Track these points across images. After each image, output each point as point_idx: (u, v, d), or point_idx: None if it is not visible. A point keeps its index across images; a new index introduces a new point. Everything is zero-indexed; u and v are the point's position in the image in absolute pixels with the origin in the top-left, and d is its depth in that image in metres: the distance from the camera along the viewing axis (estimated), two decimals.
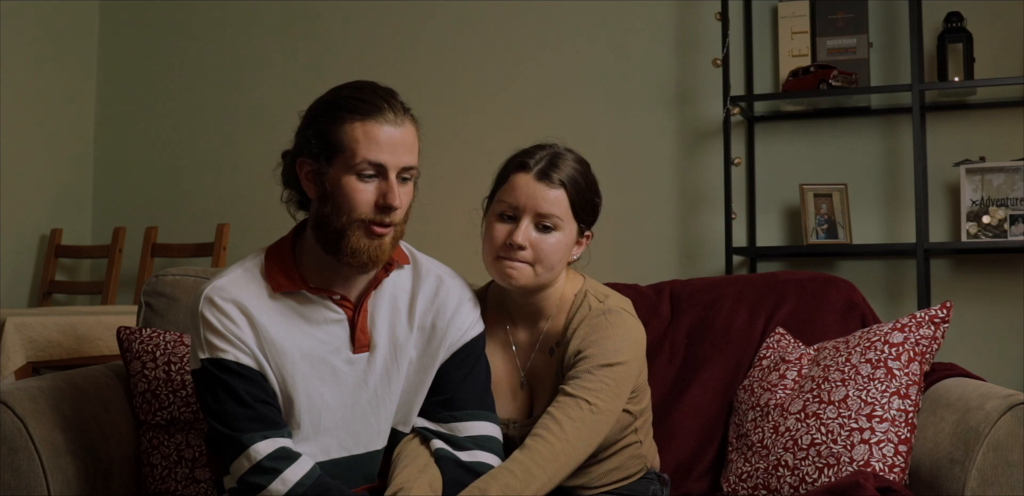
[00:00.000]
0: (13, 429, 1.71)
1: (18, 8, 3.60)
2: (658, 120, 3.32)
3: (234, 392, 1.50)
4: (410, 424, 1.63)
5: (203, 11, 3.86)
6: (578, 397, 1.59)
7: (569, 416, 1.57)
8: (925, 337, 1.82)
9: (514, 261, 1.64)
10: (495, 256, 1.66)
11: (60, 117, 3.83)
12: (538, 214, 1.64)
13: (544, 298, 1.73)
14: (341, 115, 1.51)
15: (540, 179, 1.64)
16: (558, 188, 1.65)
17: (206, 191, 3.80)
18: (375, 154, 1.49)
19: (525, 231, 1.63)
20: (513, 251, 1.63)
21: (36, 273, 3.75)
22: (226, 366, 1.50)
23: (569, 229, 1.67)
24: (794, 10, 3.11)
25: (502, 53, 3.50)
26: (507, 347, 1.77)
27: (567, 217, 1.66)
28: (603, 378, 1.61)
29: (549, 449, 1.54)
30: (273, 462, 1.47)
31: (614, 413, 1.63)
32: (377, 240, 1.52)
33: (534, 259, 1.64)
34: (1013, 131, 2.97)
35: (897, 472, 1.71)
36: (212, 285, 1.55)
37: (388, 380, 1.60)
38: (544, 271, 1.66)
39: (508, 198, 1.66)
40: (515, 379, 1.76)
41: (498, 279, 1.68)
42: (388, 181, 1.50)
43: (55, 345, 2.75)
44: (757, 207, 3.19)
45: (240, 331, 1.52)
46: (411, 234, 1.68)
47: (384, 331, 1.61)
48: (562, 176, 1.65)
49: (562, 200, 1.65)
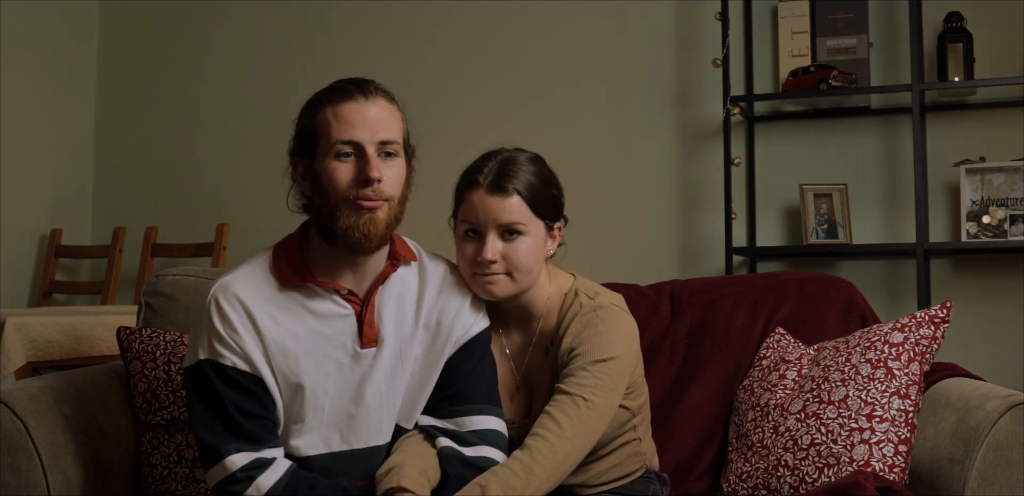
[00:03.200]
0: (13, 429, 1.71)
1: (18, 8, 3.60)
2: (658, 120, 3.32)
3: (222, 404, 1.51)
4: (413, 421, 1.63)
5: (203, 11, 3.86)
6: (574, 395, 1.60)
7: (567, 414, 1.58)
8: (925, 337, 1.82)
9: (489, 275, 1.66)
10: (471, 273, 1.68)
11: (60, 117, 3.83)
12: (499, 225, 1.65)
13: (531, 299, 1.74)
14: (314, 107, 1.56)
15: (493, 192, 1.65)
16: (512, 195, 1.65)
17: (206, 191, 3.80)
18: (347, 133, 1.52)
19: (492, 245, 1.65)
20: (485, 266, 1.65)
21: (36, 273, 3.75)
22: (223, 371, 1.52)
23: (535, 230, 1.68)
24: (794, 10, 3.11)
25: (501, 53, 3.50)
26: (502, 350, 1.77)
27: (530, 220, 1.66)
28: (597, 374, 1.62)
29: (549, 448, 1.54)
30: (247, 472, 1.50)
31: (611, 409, 1.64)
32: (367, 214, 1.52)
33: (508, 269, 1.66)
34: (1013, 131, 2.97)
35: (897, 472, 1.71)
36: (219, 283, 1.57)
37: (393, 376, 1.61)
38: (523, 276, 1.67)
39: (468, 217, 1.67)
40: (511, 382, 1.77)
41: (480, 294, 1.70)
42: (366, 156, 1.52)
43: (55, 345, 2.75)
44: (757, 207, 3.19)
45: (241, 337, 1.53)
46: (411, 232, 1.69)
47: (391, 327, 1.61)
48: (514, 184, 1.65)
49: (519, 206, 1.65)
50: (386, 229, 1.56)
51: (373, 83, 1.58)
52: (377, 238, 1.55)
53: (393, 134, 1.55)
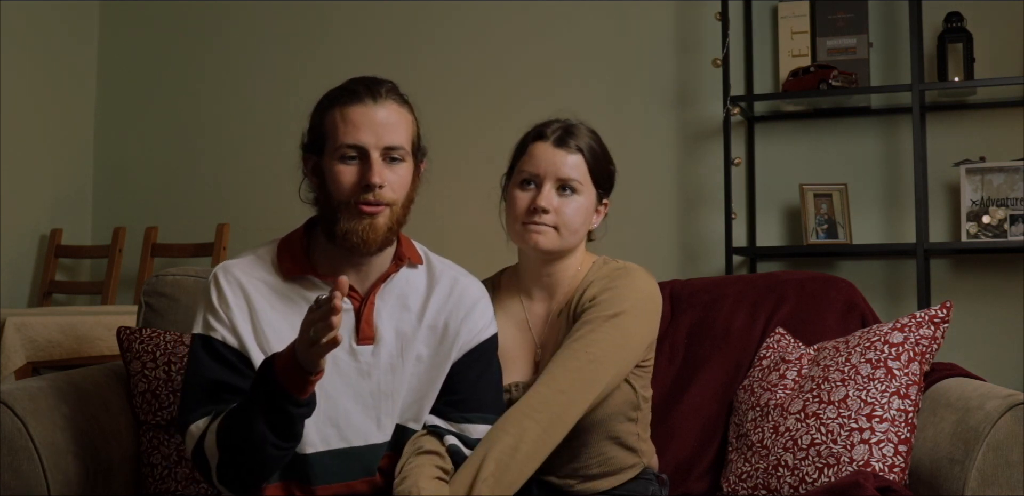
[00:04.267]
0: (13, 429, 1.71)
1: (18, 8, 3.60)
2: (658, 120, 3.32)
3: (204, 376, 1.52)
4: (421, 422, 1.63)
5: (203, 11, 3.86)
6: (575, 348, 1.60)
7: (564, 366, 1.58)
8: (925, 337, 1.82)
9: (539, 225, 1.69)
10: (520, 222, 1.70)
11: (60, 117, 3.83)
12: (559, 178, 1.70)
13: (562, 269, 1.76)
14: (325, 106, 1.58)
15: (559, 145, 1.71)
16: (576, 153, 1.72)
17: (206, 191, 3.80)
18: (353, 136, 1.53)
19: (548, 195, 1.69)
20: (537, 215, 1.68)
21: (36, 273, 3.75)
22: (211, 344, 1.53)
23: (588, 194, 1.73)
24: (794, 10, 3.11)
25: (500, 52, 3.50)
26: (522, 322, 1.78)
27: (586, 181, 1.72)
28: (607, 329, 1.63)
29: (538, 398, 1.54)
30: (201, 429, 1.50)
31: (616, 364, 1.63)
32: (368, 219, 1.53)
33: (558, 223, 1.69)
34: (1013, 131, 2.97)
35: (897, 472, 1.71)
36: (222, 264, 1.60)
37: (392, 375, 1.61)
38: (568, 234, 1.70)
39: (528, 167, 1.71)
40: (530, 351, 1.77)
41: (524, 244, 1.72)
42: (369, 161, 1.53)
43: (55, 345, 2.75)
44: (757, 207, 3.19)
45: (233, 312, 1.54)
46: (410, 228, 1.69)
47: (390, 326, 1.61)
48: (579, 143, 1.73)
49: (580, 165, 1.72)
50: (387, 233, 1.56)
51: (386, 85, 1.58)
52: (376, 243, 1.55)
53: (399, 139, 1.56)
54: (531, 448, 1.51)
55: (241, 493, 1.49)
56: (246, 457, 1.44)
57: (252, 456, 1.43)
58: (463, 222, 3.37)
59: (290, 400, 1.38)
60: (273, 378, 1.38)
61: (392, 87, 1.59)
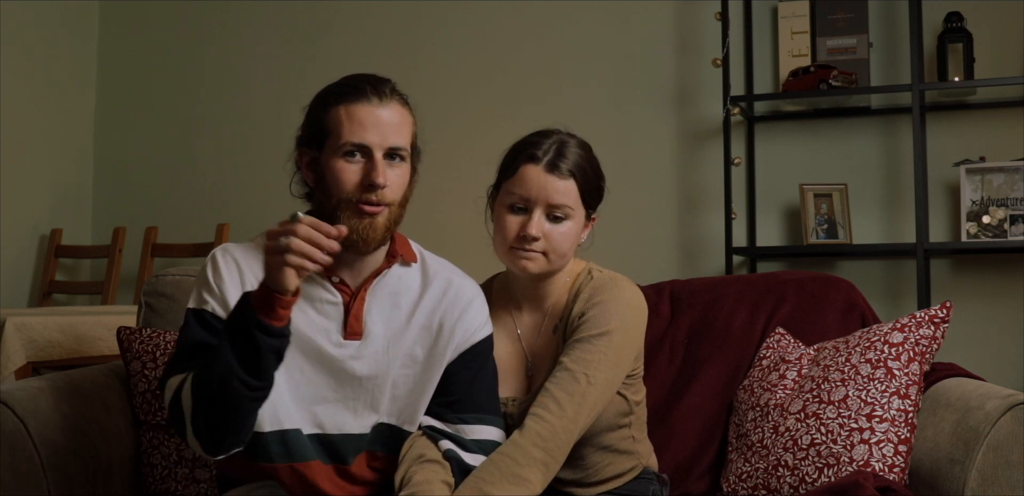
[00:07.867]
0: (13, 429, 1.71)
1: (18, 8, 3.60)
2: (658, 120, 3.32)
3: (189, 342, 1.51)
4: (416, 423, 1.63)
5: (203, 11, 3.86)
6: (575, 371, 1.60)
7: (567, 391, 1.58)
8: (925, 337, 1.82)
9: (528, 251, 1.67)
10: (509, 247, 1.68)
11: (60, 117, 3.83)
12: (549, 205, 1.66)
13: (551, 282, 1.75)
14: (328, 102, 1.56)
15: (550, 171, 1.66)
16: (568, 178, 1.67)
17: (206, 191, 3.80)
18: (358, 135, 1.52)
19: (538, 223, 1.66)
20: (527, 242, 1.66)
21: (36, 273, 3.75)
22: (202, 316, 1.54)
23: (578, 216, 1.70)
24: (794, 10, 3.11)
25: (501, 52, 3.50)
26: (512, 333, 1.78)
27: (577, 206, 1.69)
28: (601, 347, 1.62)
29: (548, 429, 1.54)
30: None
31: (612, 384, 1.64)
32: (368, 219, 1.54)
33: (547, 248, 1.67)
34: (1013, 131, 2.97)
35: (897, 472, 1.71)
36: (223, 245, 1.61)
37: (378, 372, 1.60)
38: (557, 258, 1.69)
39: (519, 190, 1.67)
40: (521, 363, 1.77)
41: (513, 269, 1.71)
42: (373, 160, 1.53)
43: (55, 345, 2.75)
44: (757, 207, 3.19)
45: (226, 284, 1.55)
46: (410, 227, 1.68)
47: (379, 322, 1.61)
48: (571, 166, 1.67)
49: (572, 190, 1.68)
50: (384, 232, 1.57)
51: (389, 84, 1.58)
52: (374, 242, 1.56)
53: (403, 140, 1.56)
54: (540, 473, 1.52)
55: (213, 451, 1.47)
56: (217, 401, 1.41)
57: (223, 399, 1.41)
58: (463, 222, 3.36)
59: (259, 326, 1.37)
60: (246, 301, 1.40)
61: (395, 86, 1.59)
